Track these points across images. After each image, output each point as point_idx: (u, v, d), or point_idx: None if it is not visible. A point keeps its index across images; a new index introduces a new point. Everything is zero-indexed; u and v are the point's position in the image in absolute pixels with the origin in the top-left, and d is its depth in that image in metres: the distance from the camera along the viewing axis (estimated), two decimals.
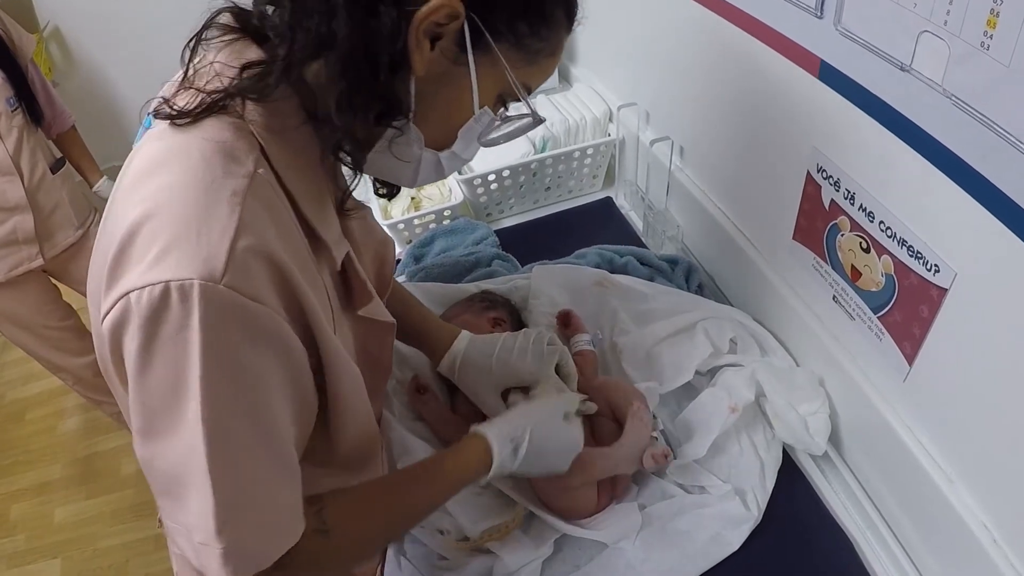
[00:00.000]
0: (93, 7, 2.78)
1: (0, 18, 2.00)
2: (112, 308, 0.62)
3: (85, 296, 2.29)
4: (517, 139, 1.63)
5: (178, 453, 0.64)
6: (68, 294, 2.30)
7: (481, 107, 0.77)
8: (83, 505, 2.57)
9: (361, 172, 0.80)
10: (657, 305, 1.41)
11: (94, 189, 2.34)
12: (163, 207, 0.63)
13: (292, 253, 0.71)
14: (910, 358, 1.00)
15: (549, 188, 1.81)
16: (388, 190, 0.97)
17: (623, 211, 1.80)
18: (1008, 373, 0.84)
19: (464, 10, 0.68)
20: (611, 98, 1.80)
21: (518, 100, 0.80)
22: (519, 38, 0.74)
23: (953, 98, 0.76)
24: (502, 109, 0.82)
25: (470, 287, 1.49)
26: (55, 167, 2.14)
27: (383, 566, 1.09)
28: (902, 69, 0.82)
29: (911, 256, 0.93)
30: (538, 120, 0.82)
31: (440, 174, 0.86)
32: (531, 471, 1.01)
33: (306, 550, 0.75)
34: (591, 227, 1.74)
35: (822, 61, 0.97)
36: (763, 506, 1.12)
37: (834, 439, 1.22)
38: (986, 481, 0.94)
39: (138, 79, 2.90)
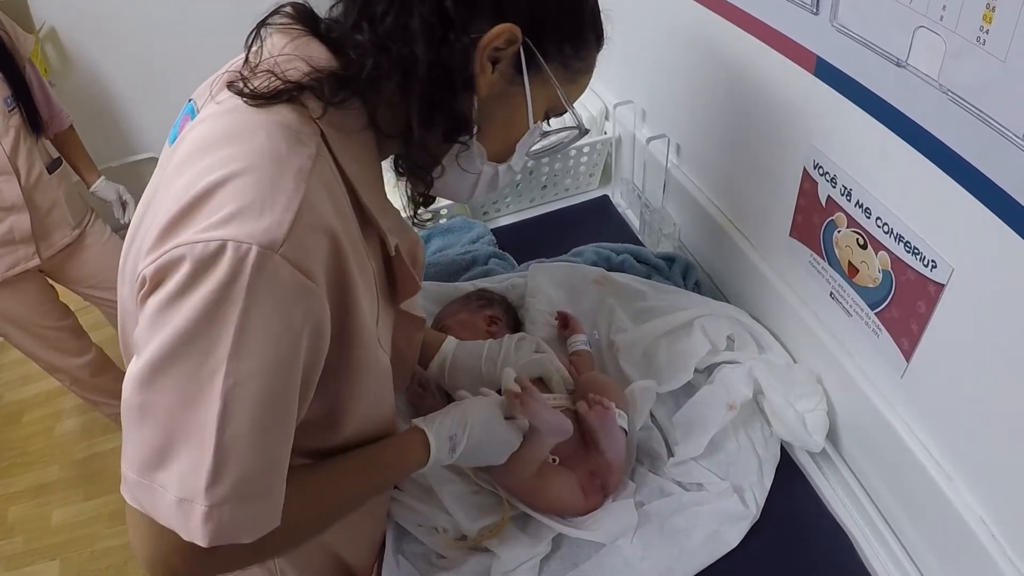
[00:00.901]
0: (89, 7, 2.78)
1: None
2: (161, 256, 0.63)
3: (82, 296, 2.31)
4: None
5: (185, 403, 0.64)
6: (65, 295, 2.30)
7: (535, 122, 0.85)
8: (81, 507, 2.56)
9: (431, 187, 0.88)
10: (654, 303, 1.40)
11: (91, 189, 2.33)
12: (230, 177, 0.64)
13: (348, 236, 0.73)
14: (908, 354, 1.00)
15: (545, 186, 1.81)
16: (425, 200, 1.01)
17: (620, 209, 1.79)
18: (1006, 368, 0.84)
19: (521, 36, 0.75)
20: (607, 96, 1.80)
21: (560, 115, 0.88)
22: (565, 59, 0.82)
23: (949, 93, 0.76)
24: (546, 124, 0.90)
25: (467, 285, 1.49)
26: (52, 167, 2.13)
27: (380, 565, 1.09)
28: (898, 65, 0.82)
29: (908, 252, 0.93)
30: (583, 132, 0.93)
31: (494, 187, 0.93)
32: (467, 464, 1.06)
33: None
34: (588, 225, 1.74)
35: (818, 57, 0.97)
36: (761, 503, 1.12)
37: (832, 436, 1.22)
38: (984, 477, 0.94)
39: (135, 79, 2.89)
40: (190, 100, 0.82)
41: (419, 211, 0.98)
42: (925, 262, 0.91)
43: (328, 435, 0.85)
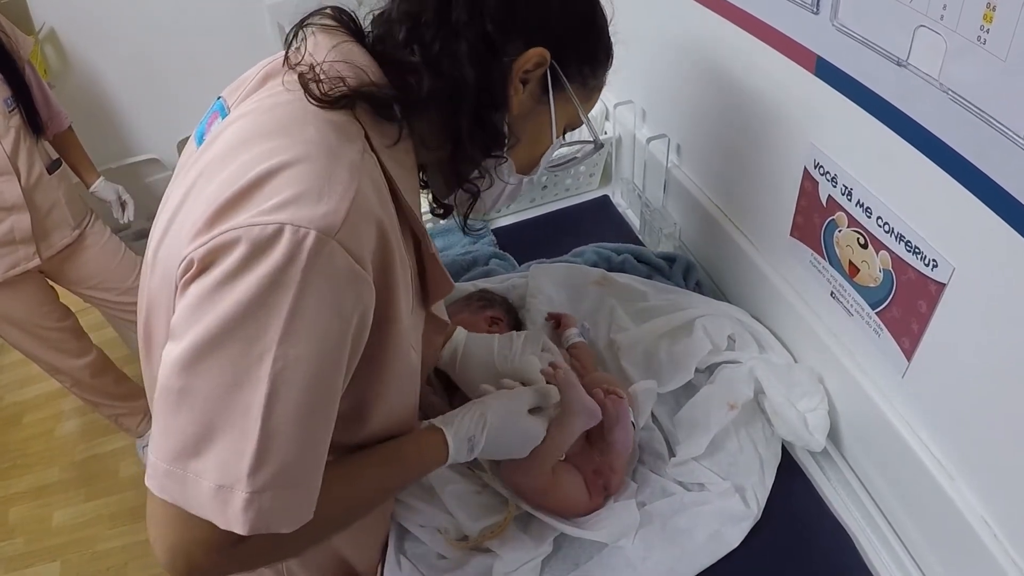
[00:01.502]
0: (89, 9, 2.77)
1: None
2: (213, 239, 0.63)
3: (81, 297, 2.31)
4: None
5: (230, 387, 0.63)
6: (65, 296, 2.30)
7: (557, 137, 0.91)
8: (82, 508, 2.56)
9: (478, 196, 0.92)
10: (655, 303, 1.40)
11: (91, 190, 2.33)
12: (286, 165, 0.65)
13: (394, 231, 0.75)
14: (909, 353, 1.00)
15: (546, 187, 1.81)
16: (444, 210, 1.03)
17: (620, 209, 1.79)
18: (1007, 368, 0.84)
19: (550, 59, 0.81)
20: (607, 96, 1.80)
21: (575, 129, 0.95)
22: (583, 78, 0.89)
23: (950, 93, 0.76)
24: (563, 138, 0.95)
25: (467, 286, 1.49)
26: (52, 168, 2.13)
27: (383, 566, 1.09)
28: (899, 64, 0.82)
29: (909, 251, 0.93)
30: (599, 145, 1.00)
31: (514, 198, 1.00)
32: (488, 458, 1.09)
33: None
34: (588, 225, 1.74)
35: (818, 57, 0.97)
36: (763, 503, 1.12)
37: (833, 435, 1.22)
38: (986, 476, 0.94)
39: (134, 80, 2.89)
40: (219, 98, 0.83)
41: (467, 222, 1.02)
42: (926, 261, 0.90)
43: (354, 428, 0.85)
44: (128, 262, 2.34)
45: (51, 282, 2.26)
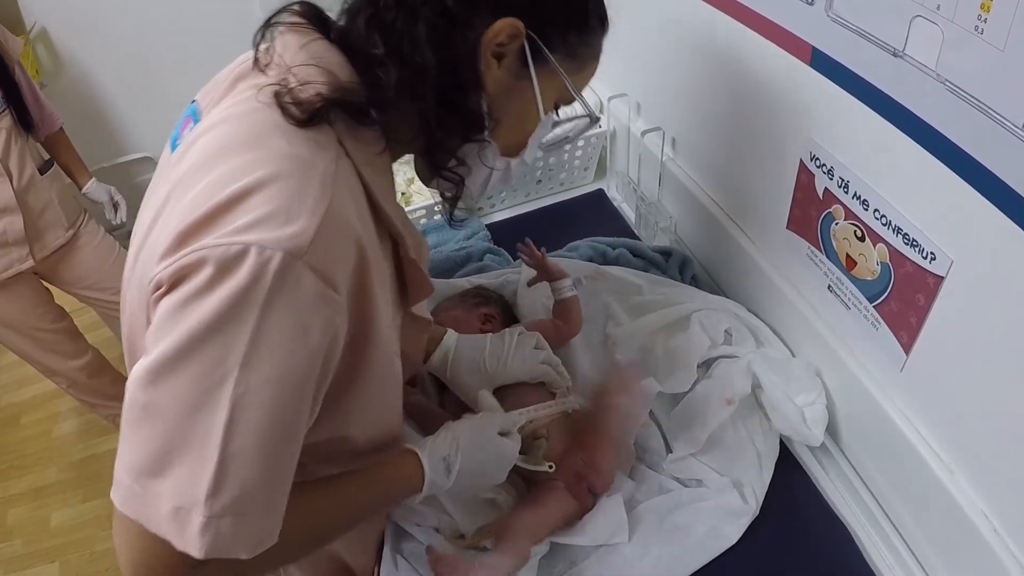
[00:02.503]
0: (80, 8, 2.76)
1: None
2: (180, 259, 0.61)
3: (76, 297, 2.30)
4: None
5: (190, 408, 0.62)
6: (60, 298, 2.29)
7: (545, 114, 0.84)
8: (80, 508, 2.56)
9: (463, 185, 0.87)
10: (650, 297, 1.40)
11: (83, 191, 2.32)
12: (256, 185, 0.63)
13: (371, 242, 0.73)
14: (907, 347, 0.99)
15: (540, 181, 1.80)
16: (451, 202, 1.00)
17: (615, 203, 1.78)
18: (1006, 361, 0.84)
19: (524, 29, 0.75)
20: (601, 89, 1.79)
21: (569, 103, 0.88)
22: (570, 48, 0.81)
23: (947, 83, 0.75)
24: (555, 114, 0.89)
25: (462, 282, 1.48)
26: (43, 168, 2.12)
27: (379, 566, 1.08)
28: (895, 55, 0.81)
29: (906, 244, 0.92)
30: (594, 119, 0.92)
31: (507, 181, 0.92)
32: (469, 486, 1.01)
33: None
34: (583, 219, 1.73)
35: (813, 48, 0.96)
36: (761, 499, 1.11)
37: (831, 430, 1.22)
38: (985, 470, 0.93)
39: (126, 80, 2.88)
40: (193, 102, 0.81)
41: (454, 212, 0.97)
42: (924, 254, 0.90)
43: (338, 441, 0.84)
44: (123, 261, 2.33)
45: (46, 283, 2.26)
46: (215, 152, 0.68)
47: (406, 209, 1.69)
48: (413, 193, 1.78)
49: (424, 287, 0.92)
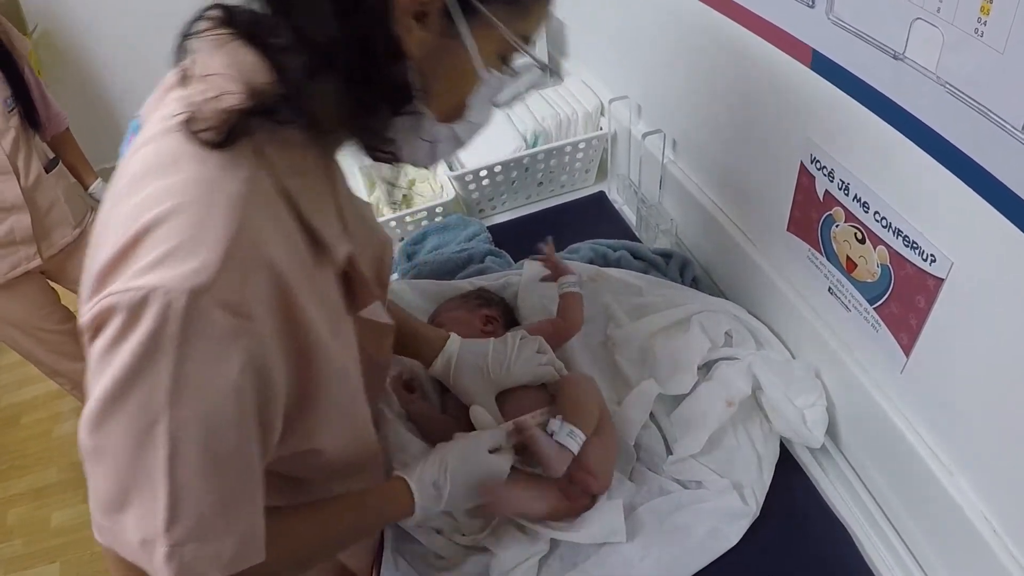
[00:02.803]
0: (82, 9, 2.77)
1: None
2: (95, 306, 0.61)
3: None
4: (509, 134, 1.63)
5: (133, 448, 0.63)
6: (66, 297, 2.29)
7: (488, 71, 0.76)
8: (80, 509, 2.56)
9: (399, 161, 0.82)
10: (651, 299, 1.40)
11: (89, 191, 2.33)
12: (159, 219, 0.61)
13: (293, 259, 0.70)
14: (907, 349, 0.99)
15: (541, 183, 1.81)
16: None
17: (616, 205, 1.79)
18: (1006, 363, 0.84)
19: None
20: (602, 92, 1.79)
21: (514, 54, 0.78)
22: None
23: (947, 86, 0.76)
24: (506, 67, 0.79)
25: (463, 284, 1.48)
26: (49, 167, 2.13)
27: (378, 567, 1.08)
28: (895, 57, 0.82)
29: (907, 246, 0.92)
30: (544, 67, 0.86)
31: (458, 146, 0.85)
32: (459, 506, 1.03)
33: None
34: (584, 222, 1.73)
35: (814, 51, 0.96)
36: (761, 500, 1.11)
37: (832, 432, 1.22)
38: (985, 472, 0.93)
39: (129, 81, 2.89)
40: (136, 116, 0.77)
41: (393, 191, 0.95)
42: (924, 256, 0.90)
43: (310, 458, 0.83)
44: None
45: (52, 283, 2.26)
46: (134, 179, 0.66)
47: (407, 211, 1.69)
48: (415, 195, 1.78)
49: (366, 294, 0.88)
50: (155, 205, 0.62)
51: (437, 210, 1.72)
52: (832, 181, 1.03)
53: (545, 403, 1.16)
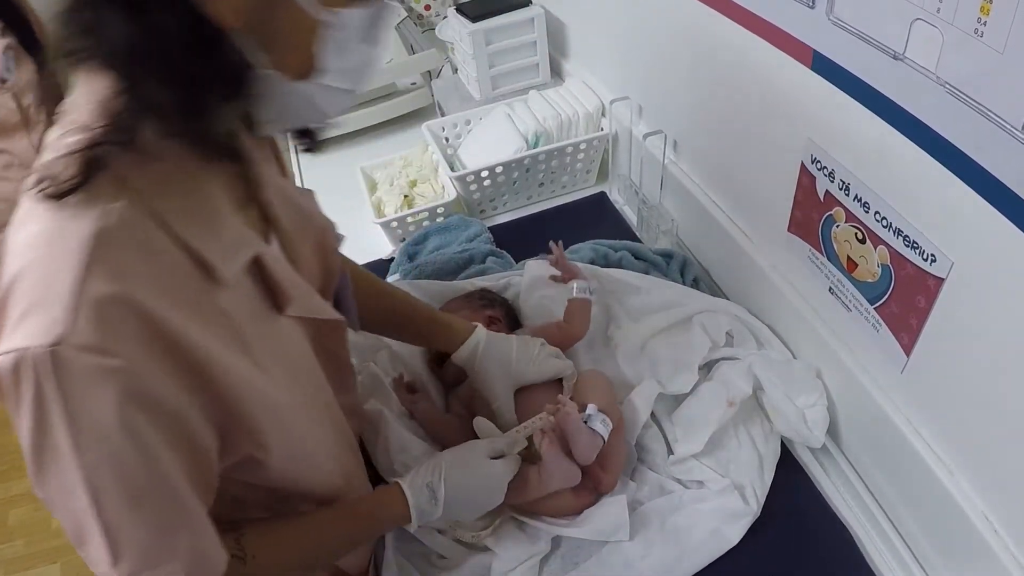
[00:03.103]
0: None
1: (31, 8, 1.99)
2: None
3: None
4: (509, 134, 1.63)
5: (64, 496, 0.65)
6: None
7: (326, 14, 0.67)
8: None
9: (288, 130, 0.81)
10: (651, 299, 1.40)
11: None
12: (17, 276, 0.62)
13: (168, 283, 0.68)
14: (908, 349, 0.99)
15: (542, 184, 1.81)
16: (309, 144, 0.90)
17: (617, 206, 1.79)
18: (1007, 363, 0.84)
19: None
20: (603, 92, 1.79)
21: None
22: None
23: (947, 86, 0.76)
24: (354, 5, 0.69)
25: (465, 284, 1.48)
26: None
27: (376, 568, 1.08)
28: (895, 58, 0.82)
29: (907, 246, 0.92)
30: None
31: (341, 94, 0.75)
32: (462, 513, 1.04)
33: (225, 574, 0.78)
34: (585, 222, 1.73)
35: (814, 51, 0.96)
36: (762, 500, 1.11)
37: (832, 432, 1.22)
38: (986, 472, 0.93)
39: None
40: None
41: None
42: (924, 256, 0.90)
43: (261, 472, 0.81)
44: None
45: None
46: (7, 234, 0.66)
47: (408, 212, 1.69)
48: (416, 195, 1.78)
49: (282, 294, 0.82)
50: (13, 263, 0.63)
51: (438, 211, 1.72)
52: (833, 181, 1.03)
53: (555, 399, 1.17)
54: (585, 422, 1.10)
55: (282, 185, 0.92)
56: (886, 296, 1.00)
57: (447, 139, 1.90)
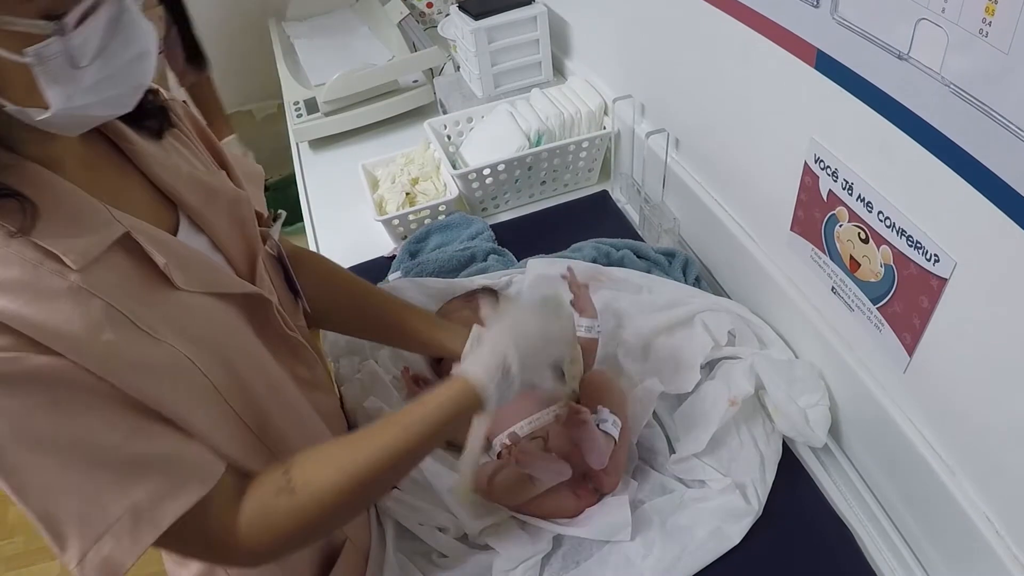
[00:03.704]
0: None
1: None
2: None
3: None
4: (512, 133, 1.62)
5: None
6: None
7: (19, 53, 0.65)
8: None
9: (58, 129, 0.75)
10: (653, 298, 1.40)
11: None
12: None
13: (23, 293, 0.69)
14: (910, 349, 0.99)
15: (544, 182, 1.81)
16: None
17: (619, 204, 1.79)
18: (1009, 363, 0.84)
19: None
20: (606, 91, 1.79)
21: (59, 14, 0.65)
22: None
23: (951, 86, 0.76)
24: (60, 23, 0.66)
25: (466, 282, 1.48)
26: None
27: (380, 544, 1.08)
28: (900, 57, 0.82)
29: (910, 246, 0.92)
30: (55, 24, 0.65)
31: (117, 95, 0.75)
32: (535, 376, 0.97)
33: (275, 509, 0.80)
34: (587, 221, 1.73)
35: (818, 51, 0.96)
36: (763, 500, 1.11)
37: (834, 431, 1.22)
38: (988, 472, 0.93)
39: None
40: None
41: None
42: (927, 256, 0.90)
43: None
44: None
45: None
46: None
47: (410, 209, 1.69)
48: (418, 193, 1.78)
49: (163, 270, 0.80)
50: None
51: (440, 208, 1.72)
52: (836, 181, 1.03)
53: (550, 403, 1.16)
54: (598, 425, 1.09)
55: (184, 169, 0.91)
56: (889, 296, 1.00)
57: (449, 137, 1.90)
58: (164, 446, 0.75)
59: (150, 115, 0.90)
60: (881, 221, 0.96)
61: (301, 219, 1.93)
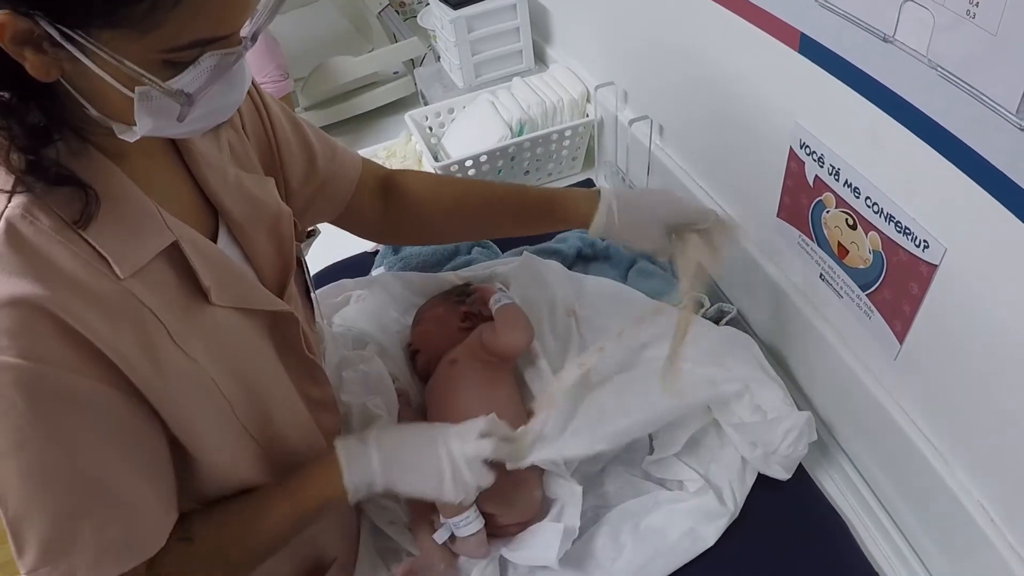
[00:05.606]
0: None
1: None
2: None
3: None
4: (493, 122, 1.60)
5: None
6: None
7: (139, 87, 0.65)
8: None
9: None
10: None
11: None
12: None
13: (77, 291, 0.69)
14: (900, 336, 0.98)
15: (528, 172, 1.79)
16: None
17: None
18: (1002, 349, 0.82)
19: (32, 22, 0.60)
20: (588, 78, 1.77)
21: (184, 62, 0.66)
22: (115, 22, 0.61)
23: (938, 68, 0.74)
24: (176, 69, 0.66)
25: (450, 275, 1.46)
26: None
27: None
28: (885, 40, 0.80)
29: (899, 232, 0.91)
30: (174, 94, 0.67)
31: (169, 119, 0.71)
32: (405, 479, 0.95)
33: (171, 556, 0.80)
34: None
35: (802, 34, 0.95)
36: (740, 501, 1.10)
37: (827, 422, 1.21)
38: (983, 461, 0.92)
39: None
40: None
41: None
42: (917, 242, 0.89)
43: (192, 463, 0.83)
44: None
45: None
46: None
47: None
48: None
49: (204, 283, 0.80)
50: None
51: None
52: (822, 166, 1.01)
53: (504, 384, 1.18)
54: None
55: (232, 174, 0.90)
56: (878, 283, 0.99)
57: (431, 128, 1.88)
58: (133, 498, 0.75)
59: None
60: (869, 207, 0.95)
61: None
